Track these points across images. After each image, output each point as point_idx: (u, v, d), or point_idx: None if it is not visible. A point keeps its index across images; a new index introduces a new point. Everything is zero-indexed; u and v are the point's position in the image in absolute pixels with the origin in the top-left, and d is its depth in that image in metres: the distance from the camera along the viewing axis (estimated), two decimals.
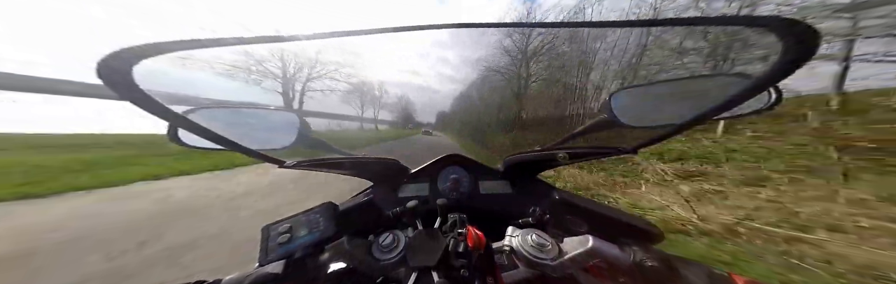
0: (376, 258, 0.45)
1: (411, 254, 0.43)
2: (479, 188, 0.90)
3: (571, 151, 0.63)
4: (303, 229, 0.49)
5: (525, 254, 0.44)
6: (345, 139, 25.31)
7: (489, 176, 0.93)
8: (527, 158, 0.80)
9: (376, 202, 0.57)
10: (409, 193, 0.90)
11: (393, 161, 0.84)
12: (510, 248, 0.46)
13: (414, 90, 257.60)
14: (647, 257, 0.40)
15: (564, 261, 0.42)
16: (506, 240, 0.48)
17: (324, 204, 0.54)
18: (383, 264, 0.44)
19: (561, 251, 0.45)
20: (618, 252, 0.42)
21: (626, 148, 0.55)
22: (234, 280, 0.41)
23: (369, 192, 0.85)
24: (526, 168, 0.88)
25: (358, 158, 0.77)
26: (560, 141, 0.77)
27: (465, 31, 65.52)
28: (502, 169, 0.91)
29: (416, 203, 0.57)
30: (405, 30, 0.33)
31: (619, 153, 0.56)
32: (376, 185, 0.91)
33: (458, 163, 0.96)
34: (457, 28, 0.34)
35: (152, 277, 1.98)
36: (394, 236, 0.48)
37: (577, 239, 0.45)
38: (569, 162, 0.69)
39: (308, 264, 0.44)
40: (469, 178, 0.92)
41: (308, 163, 0.62)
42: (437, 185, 0.91)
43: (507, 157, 0.87)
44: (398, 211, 0.58)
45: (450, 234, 0.46)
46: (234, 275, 0.43)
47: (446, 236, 0.45)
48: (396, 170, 0.90)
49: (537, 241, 0.45)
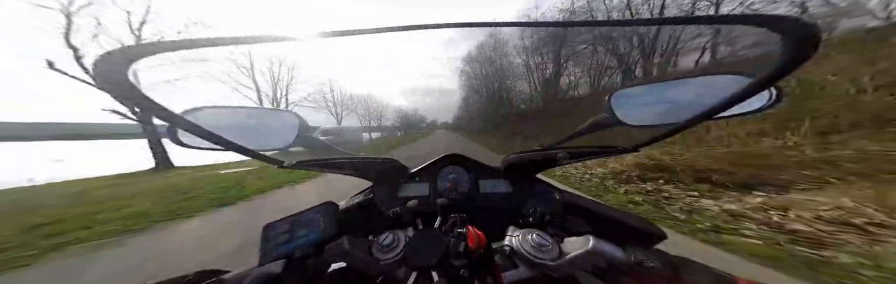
0: (376, 257, 0.45)
1: (411, 254, 0.43)
2: (479, 187, 0.90)
3: (571, 151, 0.63)
4: (303, 229, 0.49)
5: (525, 254, 0.44)
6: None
7: (489, 175, 0.93)
8: (527, 158, 0.79)
9: (376, 202, 0.57)
10: (409, 193, 0.90)
11: (393, 161, 0.84)
12: (510, 248, 0.46)
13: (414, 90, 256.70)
14: (647, 258, 0.40)
15: (565, 261, 0.42)
16: (506, 240, 0.48)
17: (324, 203, 0.54)
18: (383, 264, 0.44)
19: (561, 251, 0.44)
20: (618, 253, 0.42)
21: (626, 147, 0.55)
22: (234, 278, 0.41)
23: (369, 192, 0.85)
24: (526, 167, 0.88)
25: (357, 158, 0.77)
26: (560, 140, 0.77)
27: (465, 31, 64.27)
28: (502, 169, 0.91)
29: (416, 202, 0.57)
30: (405, 29, 0.33)
31: (619, 152, 0.56)
32: (376, 185, 0.91)
33: (457, 163, 0.96)
34: (457, 27, 0.34)
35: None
36: (394, 236, 0.48)
37: (578, 240, 0.45)
38: (569, 162, 0.69)
39: (308, 263, 0.45)
40: (469, 178, 0.92)
41: (307, 163, 0.62)
42: (436, 185, 0.91)
43: (507, 157, 0.86)
44: (398, 210, 0.58)
45: (450, 234, 0.46)
46: (234, 273, 0.43)
47: (446, 236, 0.45)
48: (396, 170, 0.89)
49: (537, 241, 0.45)
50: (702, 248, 2.12)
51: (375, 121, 59.26)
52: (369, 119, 55.85)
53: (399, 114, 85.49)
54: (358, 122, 51.63)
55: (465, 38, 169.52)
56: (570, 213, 0.55)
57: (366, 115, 55.03)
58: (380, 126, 60.59)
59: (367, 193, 0.84)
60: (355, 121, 51.30)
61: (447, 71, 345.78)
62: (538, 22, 0.46)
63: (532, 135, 13.22)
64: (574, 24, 0.40)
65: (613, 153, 0.57)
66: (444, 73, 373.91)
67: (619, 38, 13.76)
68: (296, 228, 0.49)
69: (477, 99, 36.98)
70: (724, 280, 0.37)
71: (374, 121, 58.83)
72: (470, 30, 14.04)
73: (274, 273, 0.41)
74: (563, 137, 0.77)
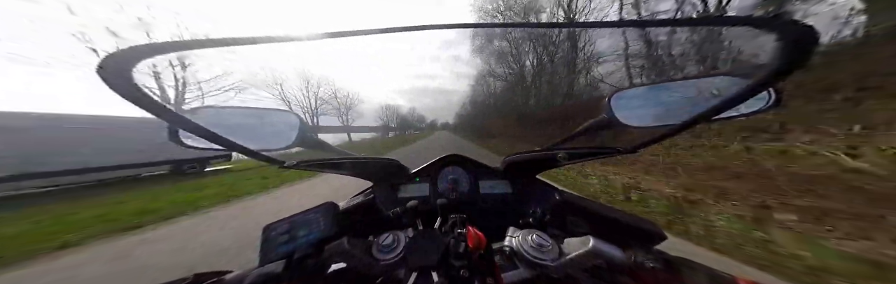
0: (376, 258, 0.45)
1: (411, 254, 0.43)
2: (479, 188, 0.91)
3: (571, 151, 0.63)
4: (303, 229, 0.49)
5: (525, 255, 0.44)
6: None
7: (489, 176, 0.93)
8: (526, 158, 0.80)
9: (376, 202, 0.57)
10: (409, 193, 0.90)
11: (393, 161, 0.84)
12: (510, 249, 0.46)
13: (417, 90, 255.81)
14: (647, 258, 0.40)
15: (565, 262, 0.42)
16: (506, 241, 0.48)
17: (324, 203, 0.54)
18: (383, 264, 0.44)
19: (561, 251, 0.44)
20: (619, 253, 0.42)
21: (625, 148, 0.55)
22: (233, 279, 0.41)
23: (369, 192, 0.85)
24: (526, 168, 0.88)
25: (358, 158, 0.77)
26: (560, 141, 0.77)
27: (466, 31, 63.83)
28: (502, 170, 0.91)
29: (416, 203, 0.57)
30: (405, 30, 0.33)
31: (619, 153, 0.56)
32: (376, 185, 0.91)
33: (457, 163, 0.96)
34: (457, 28, 0.34)
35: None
36: (394, 236, 0.48)
37: (578, 240, 0.45)
38: (568, 163, 0.69)
39: (308, 264, 0.44)
40: (469, 178, 0.92)
41: (308, 164, 0.62)
42: (437, 185, 0.91)
43: (507, 157, 0.87)
44: (398, 211, 0.58)
45: (450, 234, 0.46)
46: (234, 274, 0.43)
47: (446, 236, 0.45)
48: (396, 170, 0.90)
49: (537, 242, 0.45)
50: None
51: (360, 120, 53.78)
52: (347, 117, 49.81)
53: (390, 112, 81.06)
54: (338, 121, 47.91)
55: (465, 37, 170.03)
56: (570, 213, 0.55)
57: (341, 113, 48.85)
58: (364, 126, 56.06)
59: (368, 193, 0.84)
60: (334, 119, 47.60)
61: (446, 71, 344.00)
62: (538, 23, 0.46)
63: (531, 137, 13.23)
64: (574, 26, 0.40)
65: (613, 154, 0.58)
66: (442, 74, 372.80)
67: (620, 38, 13.81)
68: (296, 228, 0.49)
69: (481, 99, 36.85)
70: (724, 281, 0.37)
71: (356, 119, 52.95)
72: (470, 30, 13.58)
73: (274, 273, 0.41)
74: (562, 138, 0.77)
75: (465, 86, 42.74)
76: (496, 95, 30.07)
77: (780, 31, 0.24)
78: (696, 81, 0.56)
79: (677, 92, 0.59)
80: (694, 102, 0.55)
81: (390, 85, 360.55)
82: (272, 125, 0.66)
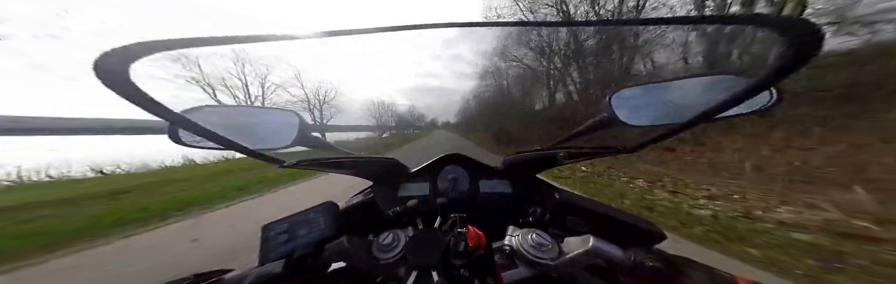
0: (376, 257, 0.45)
1: (411, 254, 0.43)
2: (480, 187, 0.90)
3: (571, 151, 0.63)
4: (303, 228, 0.49)
5: (525, 254, 0.44)
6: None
7: (489, 175, 0.93)
8: (527, 157, 0.79)
9: (376, 201, 0.57)
10: (410, 193, 0.90)
11: (392, 160, 0.84)
12: (510, 248, 0.46)
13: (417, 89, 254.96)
14: (647, 257, 0.40)
15: (565, 261, 0.42)
16: (506, 240, 0.48)
17: (324, 203, 0.54)
18: (383, 263, 0.44)
19: (561, 251, 0.44)
20: (618, 253, 0.42)
21: (626, 147, 0.55)
22: (234, 278, 0.41)
23: (369, 192, 0.85)
24: (526, 167, 0.88)
25: (357, 158, 0.77)
26: (560, 140, 0.77)
27: (466, 30, 63.40)
28: (502, 169, 0.91)
29: (416, 202, 0.57)
30: (404, 29, 0.33)
31: (619, 152, 0.56)
32: (376, 185, 0.91)
33: (457, 163, 0.96)
34: (457, 27, 0.34)
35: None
36: (394, 235, 0.48)
37: (578, 239, 0.45)
38: (568, 162, 0.69)
39: (308, 263, 0.44)
40: (469, 178, 0.92)
41: (307, 163, 0.62)
42: (437, 185, 0.91)
43: (507, 157, 0.86)
44: (398, 210, 0.58)
45: (450, 234, 0.46)
46: (234, 274, 0.43)
47: (446, 235, 0.45)
48: (396, 170, 0.89)
49: (537, 241, 0.45)
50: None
51: (360, 119, 53.71)
52: (346, 116, 48.90)
53: (390, 111, 78.82)
54: (338, 120, 46.49)
55: (465, 36, 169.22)
56: (569, 213, 0.54)
57: (340, 112, 47.31)
58: (364, 125, 55.70)
59: (368, 193, 0.84)
60: (334, 118, 46.32)
61: (447, 70, 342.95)
62: (539, 22, 0.46)
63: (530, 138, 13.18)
64: (575, 24, 0.40)
65: (613, 153, 0.57)
66: (442, 72, 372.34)
67: (620, 38, 13.76)
68: (296, 228, 0.49)
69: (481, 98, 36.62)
70: (724, 280, 0.37)
71: (356, 118, 52.81)
72: (469, 29, 13.71)
73: (274, 272, 0.41)
74: (563, 137, 0.77)
75: (466, 85, 42.66)
76: (496, 95, 30.02)
77: (783, 30, 0.23)
78: (698, 80, 0.56)
79: (679, 90, 0.58)
80: (696, 101, 0.55)
81: (391, 84, 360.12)
82: (272, 124, 0.66)
